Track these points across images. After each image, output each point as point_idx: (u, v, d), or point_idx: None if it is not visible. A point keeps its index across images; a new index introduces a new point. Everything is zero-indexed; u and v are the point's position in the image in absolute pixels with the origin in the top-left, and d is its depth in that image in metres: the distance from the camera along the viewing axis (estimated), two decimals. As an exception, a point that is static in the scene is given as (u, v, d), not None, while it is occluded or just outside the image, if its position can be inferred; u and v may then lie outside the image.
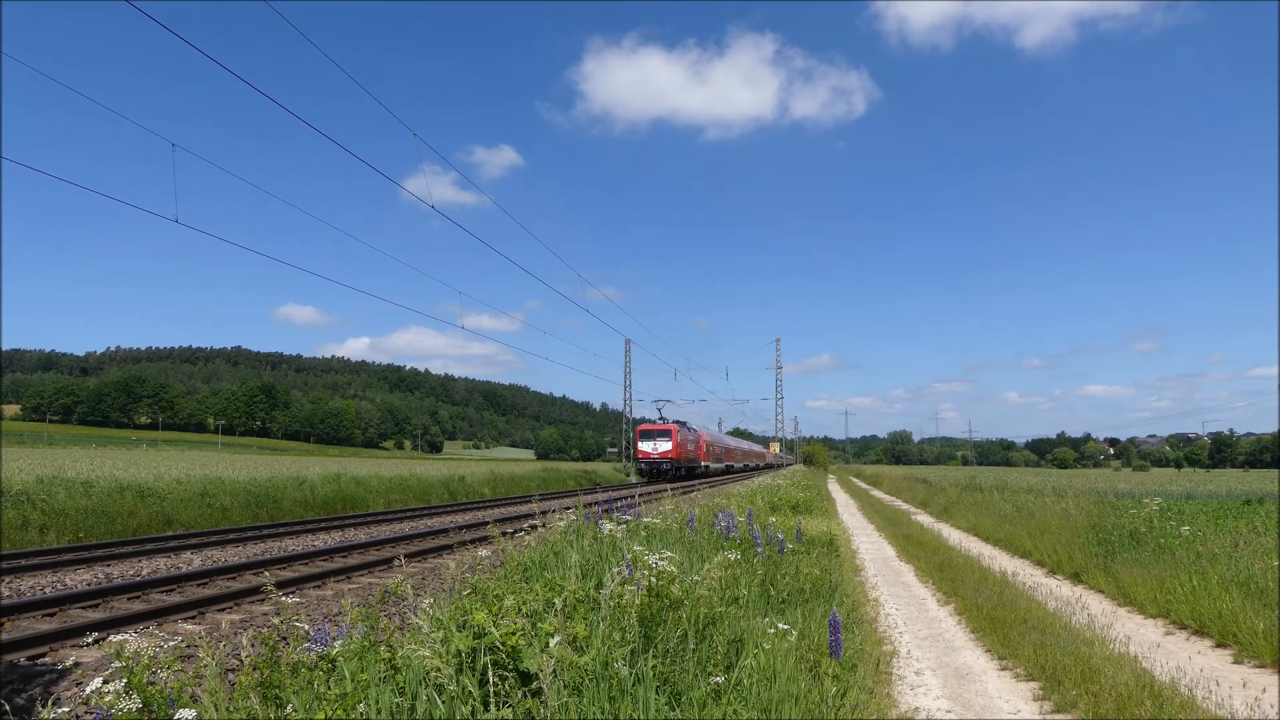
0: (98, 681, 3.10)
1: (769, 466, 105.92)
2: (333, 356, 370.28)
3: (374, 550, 14.58)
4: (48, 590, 10.09)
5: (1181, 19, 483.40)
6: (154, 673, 3.37)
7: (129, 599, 9.70)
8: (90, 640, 7.40)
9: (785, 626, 4.94)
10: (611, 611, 4.32)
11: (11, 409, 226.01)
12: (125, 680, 3.15)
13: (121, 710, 3.03)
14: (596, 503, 10.11)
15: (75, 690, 5.90)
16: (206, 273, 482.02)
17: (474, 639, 3.76)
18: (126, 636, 3.43)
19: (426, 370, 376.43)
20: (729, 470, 76.35)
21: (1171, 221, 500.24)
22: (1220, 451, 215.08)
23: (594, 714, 3.53)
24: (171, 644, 3.67)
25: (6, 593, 9.79)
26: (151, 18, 10.98)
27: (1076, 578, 11.76)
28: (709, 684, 3.99)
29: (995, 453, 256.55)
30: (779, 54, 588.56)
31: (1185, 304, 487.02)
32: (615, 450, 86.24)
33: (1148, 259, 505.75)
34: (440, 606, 4.60)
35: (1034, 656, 6.68)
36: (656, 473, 52.50)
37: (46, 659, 6.97)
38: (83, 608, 9.14)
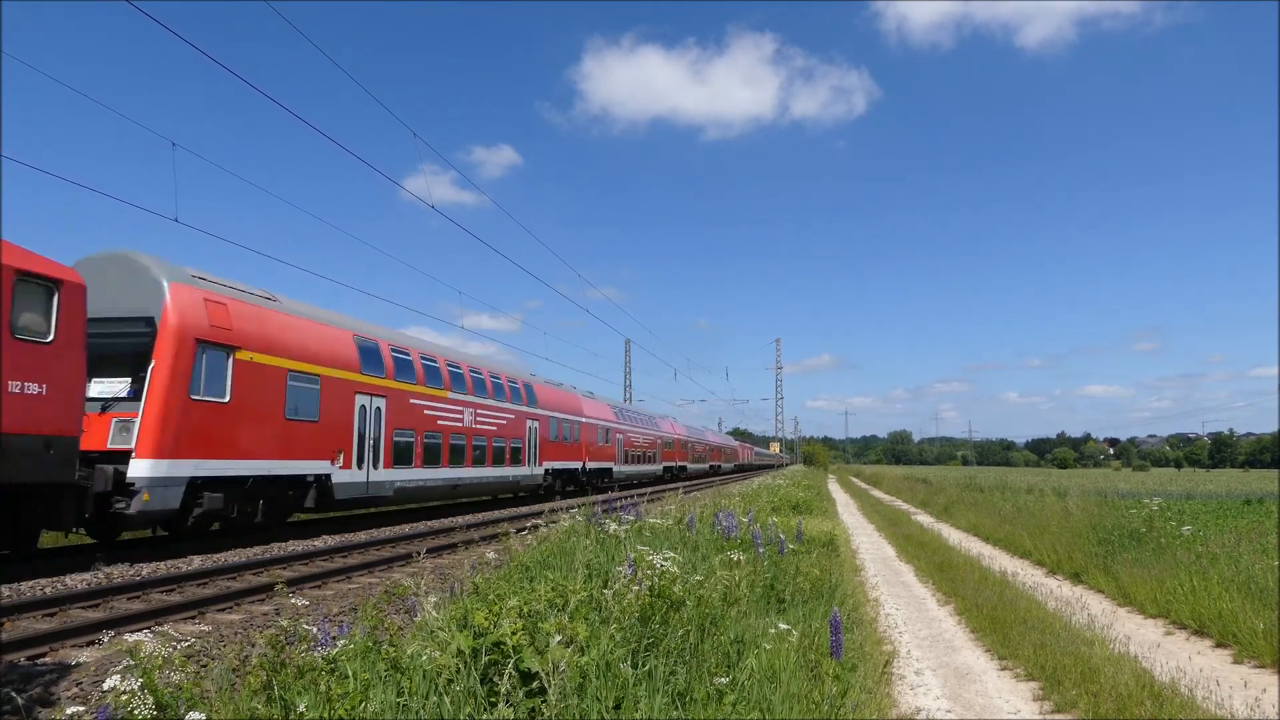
0: (116, 679, 3.10)
1: (747, 469, 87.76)
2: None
3: (374, 550, 14.58)
4: (48, 590, 10.09)
5: (1182, 18, 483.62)
6: (165, 673, 3.38)
7: (129, 599, 9.70)
8: (106, 638, 7.41)
9: (786, 627, 4.95)
10: (614, 612, 4.33)
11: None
12: (140, 681, 3.15)
13: (136, 711, 3.04)
14: (598, 503, 10.13)
15: (76, 690, 5.91)
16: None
17: (476, 639, 3.77)
18: (142, 636, 3.44)
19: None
20: (601, 483, 36.85)
21: (1171, 221, 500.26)
22: (1220, 451, 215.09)
23: (596, 713, 3.53)
24: (180, 647, 3.68)
25: (6, 593, 9.79)
26: (152, 17, 10.95)
27: (1076, 578, 11.76)
28: (711, 684, 4.00)
29: (995, 453, 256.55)
30: (779, 53, 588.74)
31: (1185, 304, 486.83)
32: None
33: (1148, 259, 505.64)
34: (443, 606, 4.60)
35: (1034, 656, 6.68)
36: None
37: (46, 659, 6.97)
38: (83, 608, 9.14)
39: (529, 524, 12.13)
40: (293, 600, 7.18)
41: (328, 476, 17.04)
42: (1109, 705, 5.33)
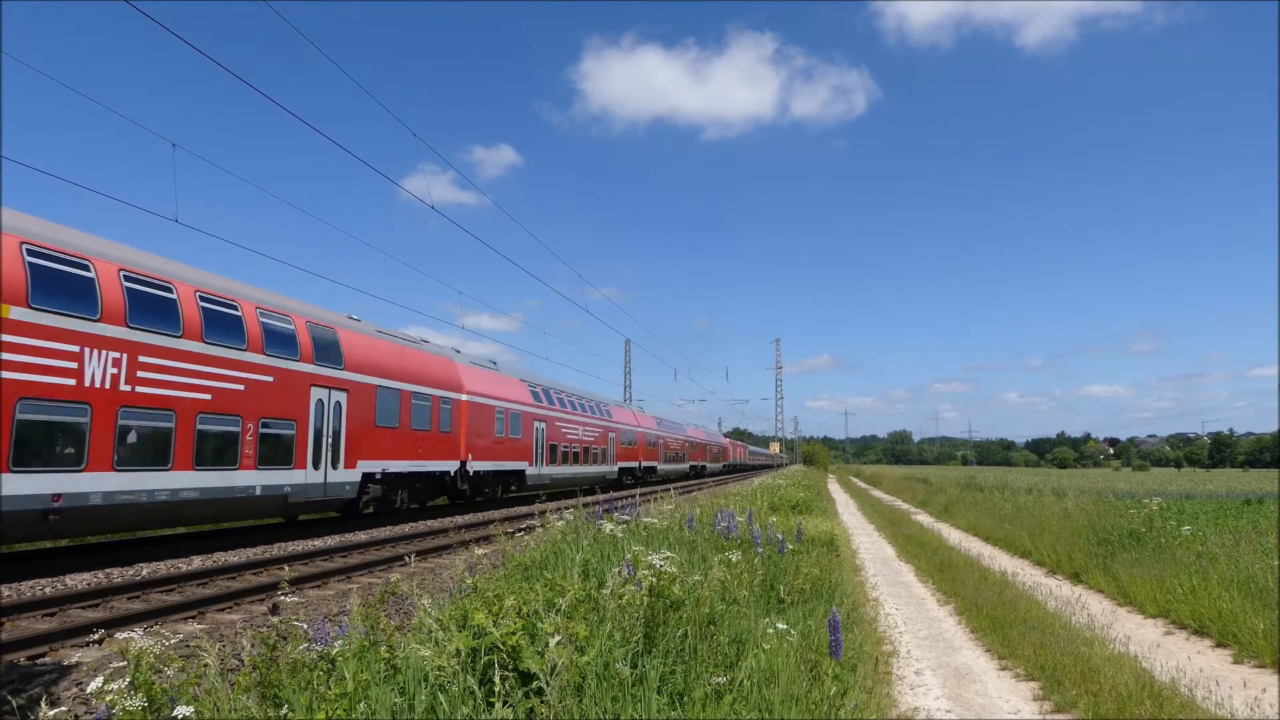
0: (99, 680, 3.10)
1: (740, 470, 79.99)
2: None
3: (374, 550, 14.59)
4: (48, 590, 10.09)
5: (1183, 17, 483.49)
6: (158, 671, 3.38)
7: (129, 599, 9.70)
8: (97, 637, 7.40)
9: (785, 627, 4.94)
10: (612, 612, 4.32)
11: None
12: (129, 679, 3.16)
13: (124, 709, 3.04)
14: (597, 502, 10.12)
15: (76, 690, 5.90)
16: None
17: (474, 639, 3.77)
18: (133, 635, 3.42)
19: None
20: (507, 491, 28.73)
21: (1171, 221, 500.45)
22: (1220, 451, 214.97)
23: (595, 714, 3.53)
24: (173, 643, 3.68)
25: (7, 593, 9.78)
26: (151, 18, 10.97)
27: (1076, 577, 11.76)
28: (710, 684, 3.99)
29: (995, 453, 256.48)
30: (779, 52, 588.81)
31: (1185, 304, 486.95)
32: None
33: (1148, 259, 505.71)
34: (440, 606, 4.60)
35: (1034, 656, 6.68)
36: None
37: (46, 659, 6.97)
38: (82, 608, 9.14)
39: (525, 524, 12.15)
40: (292, 599, 7.18)
41: None
42: (1109, 705, 5.33)
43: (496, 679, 3.43)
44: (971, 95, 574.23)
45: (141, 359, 12.97)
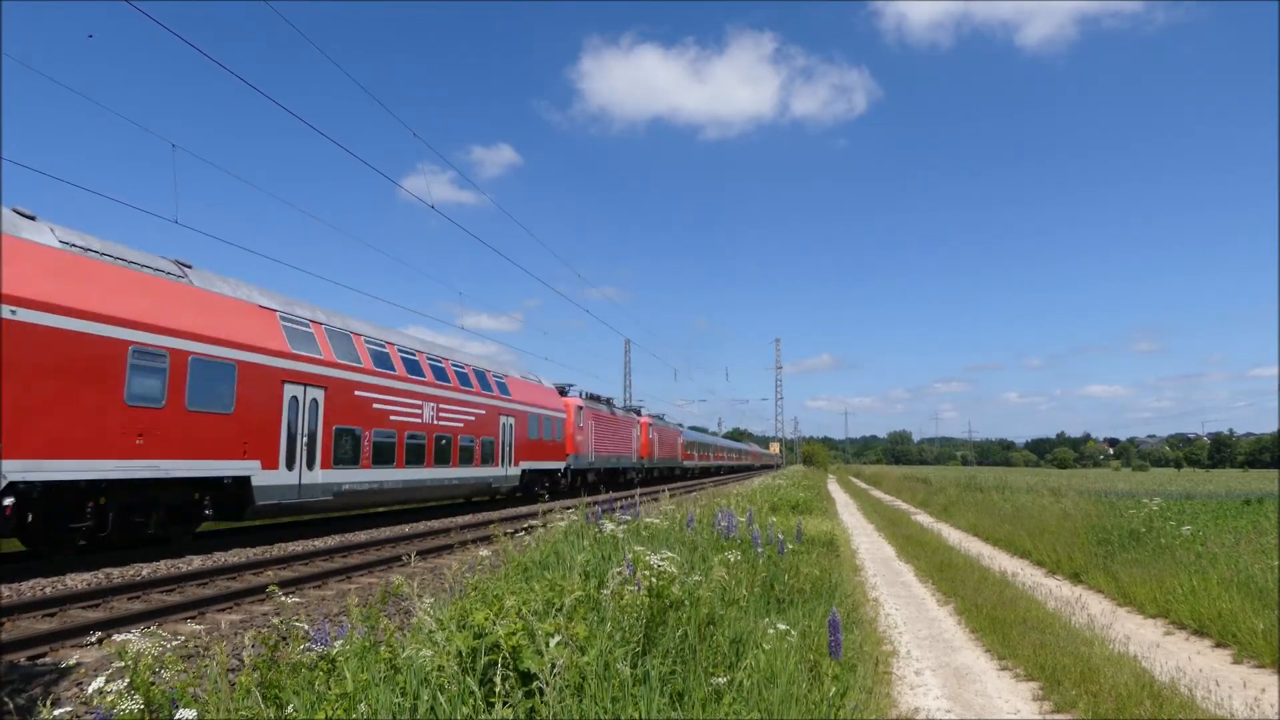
0: (100, 681, 3.10)
1: (739, 469, 73.04)
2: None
3: (374, 550, 14.59)
4: (48, 590, 10.09)
5: (1184, 16, 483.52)
6: (156, 672, 3.37)
7: (129, 599, 9.70)
8: (93, 639, 7.40)
9: (785, 627, 4.94)
10: (612, 612, 4.33)
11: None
12: (127, 680, 3.15)
13: (123, 710, 3.03)
14: (597, 502, 10.13)
15: (76, 690, 5.90)
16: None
17: (474, 639, 3.77)
18: (130, 636, 3.42)
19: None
20: None
21: (1172, 221, 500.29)
22: (1220, 451, 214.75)
23: (595, 714, 3.53)
24: (174, 644, 3.67)
25: (7, 593, 9.78)
26: (151, 17, 10.99)
27: (1076, 578, 11.76)
28: (710, 685, 4.00)
29: (995, 453, 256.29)
30: (779, 52, 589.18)
31: (1185, 304, 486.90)
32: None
33: (1148, 259, 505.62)
34: (441, 607, 4.60)
35: (1034, 656, 6.68)
36: None
37: (47, 659, 6.97)
38: (83, 608, 9.14)
39: (526, 525, 12.16)
40: (292, 600, 7.18)
41: None
42: (1109, 705, 5.33)
43: (497, 679, 3.43)
44: (972, 95, 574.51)
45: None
